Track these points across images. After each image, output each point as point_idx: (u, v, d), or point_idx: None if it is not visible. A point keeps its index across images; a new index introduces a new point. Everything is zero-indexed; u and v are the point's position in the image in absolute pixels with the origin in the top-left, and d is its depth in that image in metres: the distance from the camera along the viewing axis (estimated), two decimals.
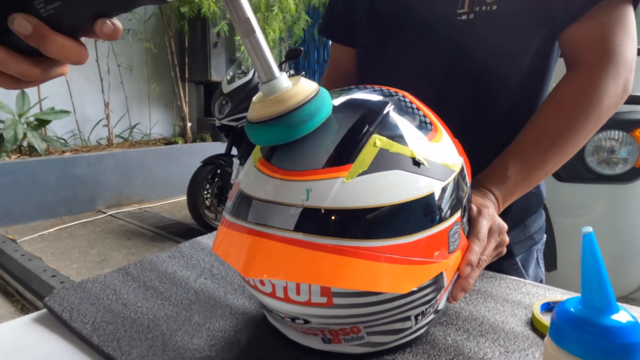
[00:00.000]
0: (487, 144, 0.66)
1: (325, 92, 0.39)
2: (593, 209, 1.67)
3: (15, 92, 3.72)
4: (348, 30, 0.78)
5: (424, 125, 0.43)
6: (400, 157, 0.38)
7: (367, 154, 0.37)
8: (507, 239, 0.53)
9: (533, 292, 0.57)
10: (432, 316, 0.45)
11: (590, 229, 0.25)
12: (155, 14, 4.67)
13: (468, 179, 0.47)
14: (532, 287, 0.59)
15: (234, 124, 3.15)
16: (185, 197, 3.15)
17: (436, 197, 0.39)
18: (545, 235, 0.78)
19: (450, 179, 0.41)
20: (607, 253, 1.70)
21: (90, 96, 4.40)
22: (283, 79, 0.37)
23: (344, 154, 0.37)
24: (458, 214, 0.42)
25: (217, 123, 3.21)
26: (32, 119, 3.80)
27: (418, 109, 0.45)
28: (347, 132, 0.39)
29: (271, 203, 0.37)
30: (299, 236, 0.35)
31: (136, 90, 4.78)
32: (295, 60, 3.43)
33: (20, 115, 3.71)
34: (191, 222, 3.33)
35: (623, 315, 0.26)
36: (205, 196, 3.15)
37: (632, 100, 1.52)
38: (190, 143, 4.81)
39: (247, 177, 0.41)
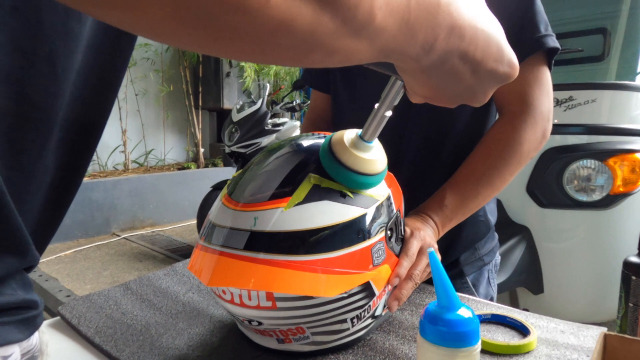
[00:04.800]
0: (437, 176, 0.76)
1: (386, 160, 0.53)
2: (575, 234, 1.73)
3: None
4: (324, 79, 0.91)
5: None
6: (329, 191, 0.49)
7: (302, 189, 0.48)
8: None
9: (477, 307, 0.65)
10: (369, 321, 0.55)
11: (432, 249, 0.36)
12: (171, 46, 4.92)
13: (395, 207, 0.57)
14: (477, 303, 0.67)
15: (242, 150, 3.30)
16: (195, 221, 3.27)
17: (358, 221, 0.50)
18: (499, 257, 0.87)
19: (374, 207, 0.52)
20: (591, 276, 1.77)
21: (108, 123, 4.52)
22: (376, 143, 0.51)
23: (285, 189, 0.48)
24: (381, 235, 0.53)
25: (227, 150, 3.37)
26: None
27: None
28: (289, 171, 0.50)
29: (229, 228, 0.48)
30: (247, 253, 0.46)
31: (152, 117, 5.00)
32: (302, 89, 3.63)
33: None
34: None
35: (464, 311, 0.36)
36: None
37: (606, 131, 1.61)
38: (202, 168, 4.98)
39: (215, 209, 0.52)
